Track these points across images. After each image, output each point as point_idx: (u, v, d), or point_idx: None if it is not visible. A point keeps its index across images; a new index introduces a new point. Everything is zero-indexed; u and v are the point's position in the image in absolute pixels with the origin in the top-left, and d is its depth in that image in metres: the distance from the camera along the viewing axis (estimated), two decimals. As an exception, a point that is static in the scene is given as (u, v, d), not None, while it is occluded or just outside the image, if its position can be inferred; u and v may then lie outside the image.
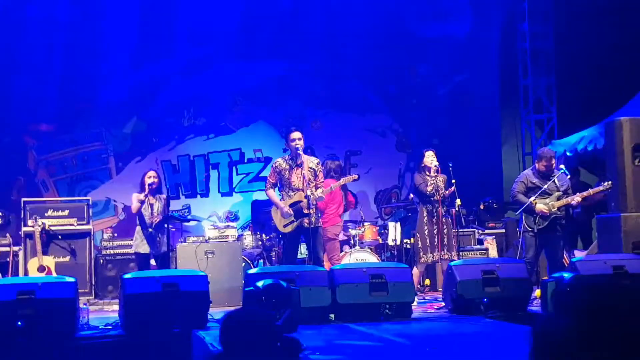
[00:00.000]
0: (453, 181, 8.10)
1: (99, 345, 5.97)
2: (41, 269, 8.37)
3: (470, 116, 11.87)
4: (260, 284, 5.64)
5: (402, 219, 9.99)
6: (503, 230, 10.35)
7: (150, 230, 8.15)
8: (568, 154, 10.44)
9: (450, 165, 8.22)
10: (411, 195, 8.40)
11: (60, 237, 8.86)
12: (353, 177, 8.19)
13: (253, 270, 6.93)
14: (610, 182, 7.83)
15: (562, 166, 8.28)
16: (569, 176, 8.08)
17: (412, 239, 8.54)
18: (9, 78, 10.68)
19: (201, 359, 5.31)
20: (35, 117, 10.89)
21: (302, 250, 8.61)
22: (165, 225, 8.08)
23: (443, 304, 7.35)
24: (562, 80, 11.75)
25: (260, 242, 9.55)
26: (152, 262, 8.37)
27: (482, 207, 10.77)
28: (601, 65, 10.54)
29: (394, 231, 9.51)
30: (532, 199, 7.68)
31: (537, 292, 6.72)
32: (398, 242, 9.51)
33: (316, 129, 11.64)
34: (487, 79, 12.19)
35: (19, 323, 5.75)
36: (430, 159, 8.14)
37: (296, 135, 7.73)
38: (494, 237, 10.08)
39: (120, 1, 10.73)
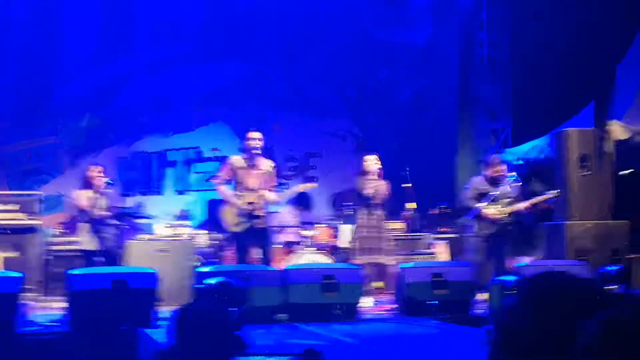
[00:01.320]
0: (409, 185, 8.21)
1: (43, 342, 5.90)
2: (-11, 263, 8.23)
3: (428, 122, 12.03)
4: (212, 281, 5.65)
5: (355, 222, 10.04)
6: (455, 235, 10.49)
7: (98, 226, 8.03)
8: (519, 162, 10.65)
9: (407, 169, 8.35)
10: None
11: (9, 231, 8.68)
12: (312, 185, 8.22)
13: (205, 269, 6.94)
14: (558, 191, 8.04)
15: (513, 173, 8.46)
16: (519, 183, 8.27)
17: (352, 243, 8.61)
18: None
19: (147, 357, 5.29)
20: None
21: (254, 251, 8.61)
22: (115, 222, 7.99)
23: (394, 305, 7.45)
24: (517, 89, 11.96)
25: (215, 242, 9.53)
26: (100, 259, 8.26)
27: (436, 211, 10.91)
28: (555, 75, 10.77)
29: (347, 234, 9.56)
30: (481, 205, 7.83)
31: (484, 295, 6.85)
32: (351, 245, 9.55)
33: (276, 131, 11.67)
34: (446, 85, 12.36)
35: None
36: (371, 162, 8.22)
37: (255, 135, 7.72)
38: (446, 241, 10.21)
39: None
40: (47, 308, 7.99)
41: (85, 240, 8.05)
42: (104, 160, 10.64)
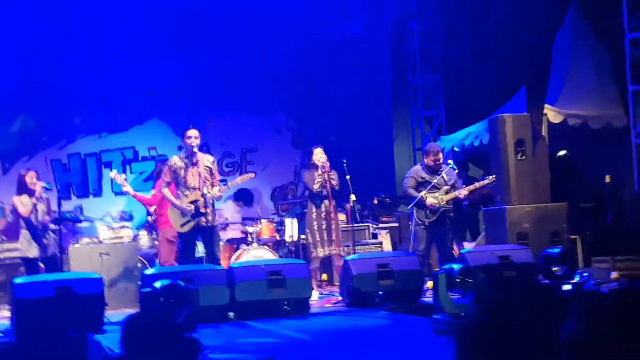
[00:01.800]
0: (347, 177, 8.30)
1: (-10, 353, 5.77)
2: None
3: (364, 113, 12.14)
4: (157, 284, 5.60)
5: (298, 215, 10.12)
6: (396, 224, 10.66)
7: (37, 232, 7.85)
8: (456, 149, 10.86)
9: (345, 161, 8.42)
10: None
11: (-55, 242, 8.45)
12: (250, 176, 8.24)
13: (150, 271, 6.87)
14: (494, 176, 8.24)
15: (450, 161, 8.64)
16: (456, 170, 8.46)
17: (306, 235, 8.69)
18: None
19: (98, 364, 5.22)
20: None
21: (199, 249, 8.58)
22: (54, 227, 7.84)
23: (340, 297, 7.52)
24: (449, 78, 12.20)
25: (156, 242, 9.42)
26: (41, 265, 8.09)
27: (375, 201, 11.06)
28: (486, 63, 11.01)
29: (291, 227, 9.62)
30: (422, 193, 7.98)
31: (430, 284, 6.99)
32: (295, 238, 9.62)
33: (212, 127, 11.58)
34: (380, 76, 12.50)
35: None
36: (318, 156, 8.31)
37: (192, 133, 7.69)
38: (387, 231, 10.37)
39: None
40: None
41: (25, 247, 7.86)
42: (38, 164, 10.40)
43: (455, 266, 5.22)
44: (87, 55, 10.95)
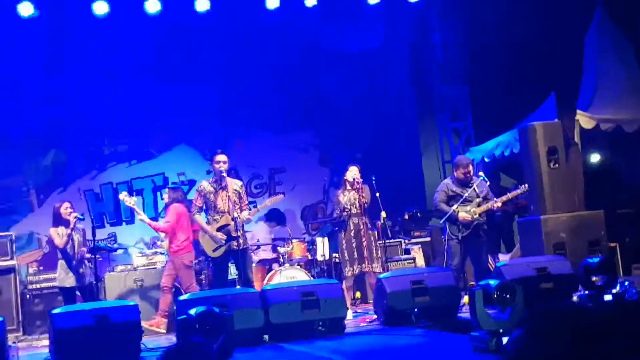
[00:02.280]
0: (377, 194, 8.24)
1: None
2: (-33, 308, 8.11)
3: (389, 128, 12.09)
4: (192, 311, 5.60)
5: (329, 234, 10.09)
6: (428, 239, 10.57)
7: (73, 262, 7.96)
8: (486, 159, 10.76)
9: (374, 178, 8.37)
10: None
11: (-16, 274, 8.61)
12: (279, 197, 8.25)
13: (184, 297, 6.88)
14: (526, 186, 8.11)
15: (480, 173, 8.54)
16: (488, 182, 8.34)
17: (338, 254, 8.65)
18: None
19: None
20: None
21: (232, 271, 8.59)
22: (90, 256, 7.93)
23: (375, 316, 7.45)
24: (476, 87, 12.13)
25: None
26: (78, 294, 8.18)
27: (406, 217, 10.97)
28: (512, 71, 10.92)
29: (322, 246, 9.59)
30: (453, 207, 7.88)
31: (466, 299, 6.90)
32: (327, 257, 9.59)
33: (239, 149, 11.63)
34: (403, 90, 12.46)
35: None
36: (352, 173, 8.29)
37: (221, 158, 7.76)
38: (420, 245, 10.28)
39: (33, 28, 10.45)
40: (30, 347, 7.89)
41: (62, 277, 7.99)
42: (72, 195, 10.53)
43: (492, 282, 5.13)
44: (111, 85, 11.07)
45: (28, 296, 8.97)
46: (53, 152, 10.94)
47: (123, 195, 8.25)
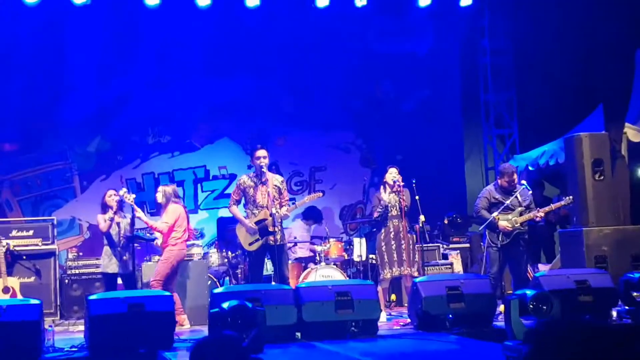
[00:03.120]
0: (417, 197, 8.18)
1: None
2: (6, 290, 8.26)
3: (433, 131, 11.99)
4: (225, 305, 5.62)
5: (367, 235, 10.05)
6: (467, 245, 10.46)
7: (118, 249, 8.07)
8: (530, 168, 10.60)
9: (414, 181, 8.29)
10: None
11: (24, 257, 8.79)
12: (317, 195, 8.24)
13: (219, 290, 6.91)
14: (571, 197, 7.96)
15: (523, 181, 8.40)
16: (530, 191, 8.20)
17: (375, 255, 8.60)
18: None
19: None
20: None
21: (268, 267, 8.61)
22: (131, 245, 8.03)
23: (409, 320, 7.39)
24: (522, 95, 11.96)
25: (226, 260, 9.52)
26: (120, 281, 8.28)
27: (446, 221, 10.87)
28: (560, 81, 10.74)
29: (359, 247, 9.55)
30: (494, 214, 7.77)
31: (502, 308, 6.79)
32: (363, 258, 9.55)
33: (280, 146, 11.67)
34: (449, 94, 12.35)
35: (-16, 347, 5.68)
36: (392, 175, 8.23)
37: (261, 153, 7.78)
38: (458, 251, 10.17)
39: (84, 18, 10.63)
40: (66, 332, 8.02)
41: (105, 263, 8.11)
42: (114, 183, 10.70)
43: (529, 292, 5.04)
44: (158, 76, 11.21)
45: (67, 281, 9.11)
46: (98, 139, 11.13)
47: (123, 192, 8.19)
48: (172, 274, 8.03)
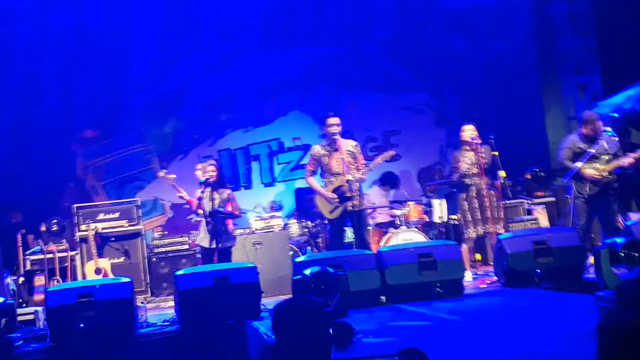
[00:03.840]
0: (496, 153, 7.96)
1: (158, 342, 6.10)
2: (98, 271, 8.57)
3: (509, 85, 11.63)
4: (307, 271, 5.63)
5: (446, 196, 9.87)
6: (553, 199, 10.14)
7: (209, 223, 7.98)
8: (615, 114, 10.17)
9: (492, 137, 8.06)
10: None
11: (113, 239, 9.08)
12: (390, 154, 8.07)
13: (300, 258, 6.94)
14: (660, 140, 7.59)
15: (608, 128, 8.05)
16: (617, 138, 7.84)
17: (457, 215, 8.42)
18: (41, 87, 10.83)
19: (257, 350, 5.34)
20: (78, 125, 11.09)
21: (349, 235, 8.58)
22: (217, 219, 8.03)
23: (495, 278, 7.25)
24: (602, 39, 11.44)
25: (306, 230, 9.56)
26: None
27: (528, 176, 10.57)
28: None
29: (440, 208, 9.41)
30: (580, 164, 7.49)
31: (592, 259, 6.57)
32: (445, 219, 9.40)
33: (352, 112, 11.57)
34: (523, 45, 11.93)
35: (81, 325, 5.89)
36: (468, 132, 8.00)
37: (333, 120, 7.71)
38: (543, 206, 9.87)
39: (145, 4, 10.80)
40: (157, 308, 8.25)
41: (201, 237, 8.16)
42: (192, 161, 10.86)
43: (619, 239, 4.83)
44: (224, 53, 11.29)
45: (154, 259, 9.35)
46: (173, 120, 11.34)
47: (163, 173, 8.23)
48: None
